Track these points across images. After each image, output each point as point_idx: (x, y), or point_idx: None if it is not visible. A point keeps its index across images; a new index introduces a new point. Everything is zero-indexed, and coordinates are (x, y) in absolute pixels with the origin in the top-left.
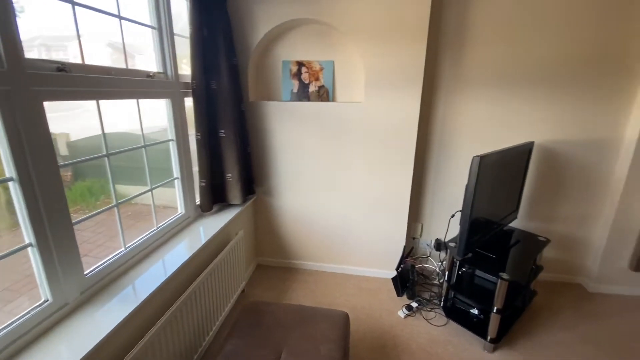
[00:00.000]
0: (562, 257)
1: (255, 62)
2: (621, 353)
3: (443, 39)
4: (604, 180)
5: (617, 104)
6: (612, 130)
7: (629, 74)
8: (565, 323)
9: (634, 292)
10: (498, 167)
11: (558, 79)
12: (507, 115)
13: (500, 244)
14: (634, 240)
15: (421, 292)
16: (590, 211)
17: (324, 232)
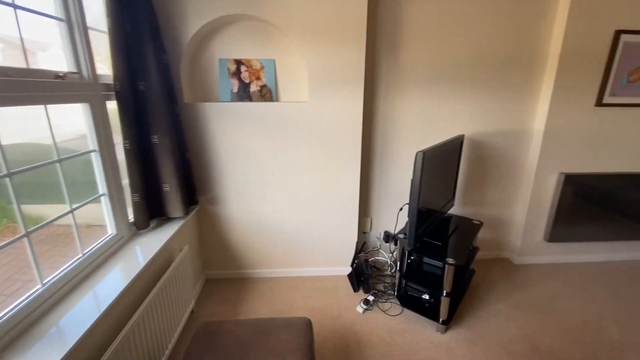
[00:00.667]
0: (492, 236)
1: (188, 60)
2: (545, 313)
3: (380, 38)
4: (521, 166)
5: (527, 99)
6: (525, 122)
7: (534, 73)
8: (500, 295)
9: (549, 260)
10: (437, 160)
11: (480, 77)
12: (440, 110)
13: (443, 230)
14: (545, 216)
15: (376, 284)
16: (511, 194)
17: (276, 237)
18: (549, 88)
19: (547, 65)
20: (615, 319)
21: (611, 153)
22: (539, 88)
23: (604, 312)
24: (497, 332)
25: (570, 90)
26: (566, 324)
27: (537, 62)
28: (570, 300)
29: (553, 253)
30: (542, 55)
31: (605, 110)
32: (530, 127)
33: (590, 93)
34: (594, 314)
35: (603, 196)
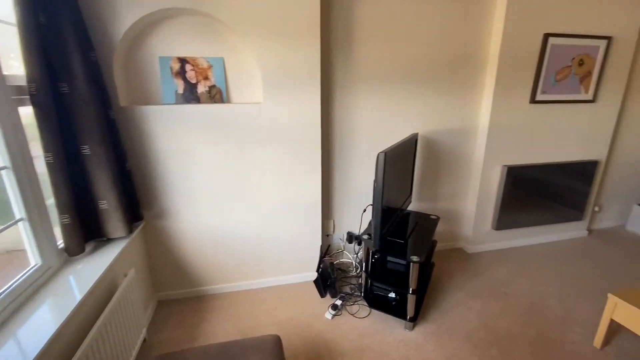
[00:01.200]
0: (446, 228)
1: (123, 59)
2: (499, 298)
3: (334, 37)
4: (469, 161)
5: (472, 97)
6: (471, 119)
7: (478, 72)
8: (458, 284)
9: (497, 246)
10: (396, 159)
11: (430, 76)
12: (395, 109)
13: (404, 228)
14: (492, 206)
15: (342, 287)
16: (462, 187)
17: (235, 248)
18: (490, 87)
19: (488, 66)
20: (558, 297)
21: (544, 145)
22: (482, 87)
23: (548, 291)
24: (460, 322)
25: (508, 88)
26: (517, 306)
27: (480, 62)
28: (519, 283)
29: (500, 240)
30: (483, 56)
31: (538, 107)
32: (476, 123)
33: (525, 91)
34: (539, 294)
35: (539, 184)
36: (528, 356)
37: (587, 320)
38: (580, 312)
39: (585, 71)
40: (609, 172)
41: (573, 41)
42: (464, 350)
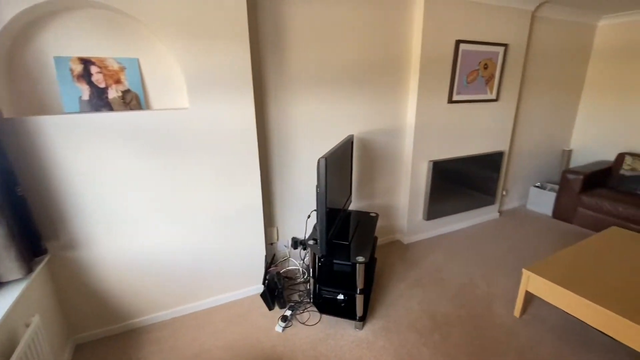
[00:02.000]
0: (384, 223)
1: (4, 60)
2: (435, 284)
3: (264, 38)
4: (400, 158)
5: (400, 99)
6: (400, 119)
7: (404, 75)
8: (399, 276)
9: (429, 235)
10: (336, 162)
11: (362, 78)
12: (332, 112)
13: (347, 229)
14: (422, 198)
15: (291, 295)
16: (395, 183)
17: (170, 271)
18: (414, 89)
19: (411, 69)
20: (482, 275)
21: (461, 140)
22: (407, 89)
23: (474, 271)
24: (405, 313)
25: (430, 90)
26: (452, 289)
27: (405, 66)
28: (451, 267)
29: (431, 229)
30: (407, 60)
31: (454, 106)
32: (404, 123)
33: (443, 92)
34: (468, 274)
35: (459, 175)
36: (464, 335)
37: (507, 293)
38: (501, 287)
39: (490, 74)
40: (511, 161)
41: (479, 47)
42: (411, 341)
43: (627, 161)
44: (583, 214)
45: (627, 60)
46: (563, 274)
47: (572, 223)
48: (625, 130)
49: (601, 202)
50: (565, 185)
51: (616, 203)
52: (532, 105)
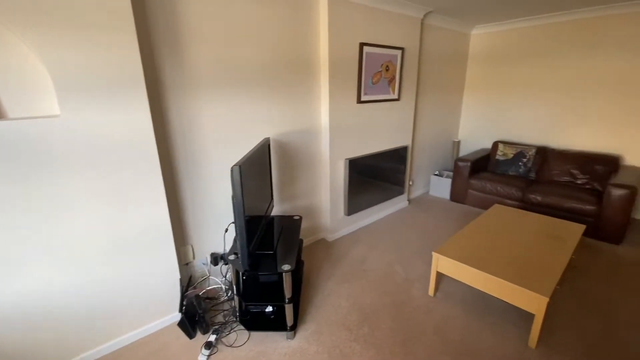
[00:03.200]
0: (309, 224)
1: None
2: (360, 277)
3: (156, 33)
4: (318, 158)
5: (314, 99)
6: (315, 119)
7: (316, 76)
8: (327, 275)
9: (351, 229)
10: (253, 168)
11: (275, 79)
12: (244, 114)
13: (270, 236)
14: (342, 195)
15: (214, 317)
16: (316, 183)
17: (62, 315)
18: (326, 89)
19: (322, 70)
20: (400, 262)
21: (372, 137)
22: (319, 90)
23: (393, 259)
24: (334, 312)
25: (340, 90)
26: (375, 279)
27: (315, 66)
28: (372, 258)
29: (352, 223)
30: (317, 60)
31: (363, 106)
32: (319, 123)
33: (352, 93)
34: (388, 263)
35: (373, 170)
36: (390, 322)
37: (422, 275)
38: (417, 270)
39: (391, 75)
40: (415, 153)
41: (380, 50)
42: (342, 338)
43: (500, 148)
44: (472, 195)
45: (494, 64)
46: (463, 252)
47: (465, 203)
48: (498, 122)
49: (485, 184)
50: (458, 172)
51: (495, 183)
52: (427, 103)
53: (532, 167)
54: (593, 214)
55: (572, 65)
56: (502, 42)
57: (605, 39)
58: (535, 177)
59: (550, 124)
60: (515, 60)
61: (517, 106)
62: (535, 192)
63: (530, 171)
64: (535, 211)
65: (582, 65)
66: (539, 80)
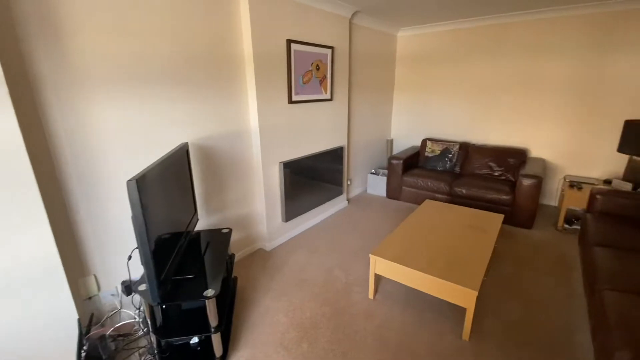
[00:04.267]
0: (243, 234)
1: None
2: (300, 287)
3: (19, 18)
4: (250, 163)
5: (239, 99)
6: (243, 121)
7: (239, 74)
8: (264, 289)
9: (289, 236)
10: (162, 179)
11: (192, 77)
12: (155, 117)
13: (194, 256)
14: (279, 201)
15: (128, 358)
16: (249, 189)
17: None
18: (253, 89)
19: (246, 67)
20: (340, 266)
21: (307, 139)
22: (245, 89)
23: (333, 264)
24: (272, 330)
25: (269, 90)
26: (315, 288)
27: (238, 63)
28: (312, 265)
29: (290, 229)
30: (240, 56)
31: (295, 106)
32: (248, 126)
33: (283, 92)
34: (328, 269)
35: (310, 173)
36: (329, 334)
37: (361, 278)
38: (356, 273)
39: (322, 74)
40: (351, 153)
41: (309, 48)
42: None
43: (429, 145)
44: (406, 191)
45: (419, 65)
46: (397, 252)
47: (400, 200)
48: (425, 120)
49: (416, 180)
50: (392, 170)
51: (425, 179)
52: (360, 103)
53: (456, 162)
54: (509, 203)
55: (484, 67)
56: (425, 45)
57: (509, 43)
58: (459, 171)
59: (470, 121)
60: (437, 61)
61: (441, 105)
62: (460, 185)
63: (455, 166)
64: (461, 203)
65: (492, 67)
66: (458, 81)
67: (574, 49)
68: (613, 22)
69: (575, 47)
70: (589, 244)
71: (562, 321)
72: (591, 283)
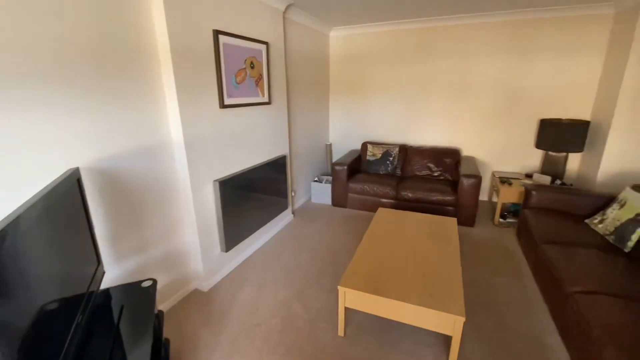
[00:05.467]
0: (171, 277)
1: None
2: (254, 335)
3: None
4: (174, 185)
5: (154, 104)
6: (161, 133)
7: (151, 71)
8: (207, 346)
9: (232, 267)
10: (37, 228)
11: (83, 76)
12: (24, 134)
13: (101, 332)
14: (216, 228)
15: None
16: (176, 219)
17: None
18: (172, 89)
19: (162, 63)
20: (298, 299)
21: (245, 150)
22: (162, 90)
23: (289, 296)
24: None
25: (195, 92)
26: (271, 331)
27: (149, 57)
28: (264, 302)
29: (233, 259)
30: (152, 49)
31: (229, 112)
32: (169, 139)
33: (212, 95)
34: (284, 304)
35: (251, 189)
36: None
37: (325, 309)
38: (317, 303)
39: (258, 74)
40: (293, 162)
41: (241, 42)
42: None
43: (369, 149)
44: (353, 198)
45: (353, 66)
46: (367, 279)
47: (347, 207)
48: (364, 123)
49: (362, 186)
50: (336, 176)
51: (371, 184)
52: (298, 106)
53: (397, 165)
54: (453, 203)
55: (417, 69)
56: (358, 46)
57: (439, 47)
58: (401, 174)
59: (407, 123)
60: (371, 63)
61: (378, 107)
62: (406, 189)
63: (396, 168)
64: (408, 207)
65: (425, 69)
66: (393, 83)
67: (495, 54)
68: (526, 29)
69: (497, 51)
70: (536, 243)
71: (528, 324)
72: (555, 285)
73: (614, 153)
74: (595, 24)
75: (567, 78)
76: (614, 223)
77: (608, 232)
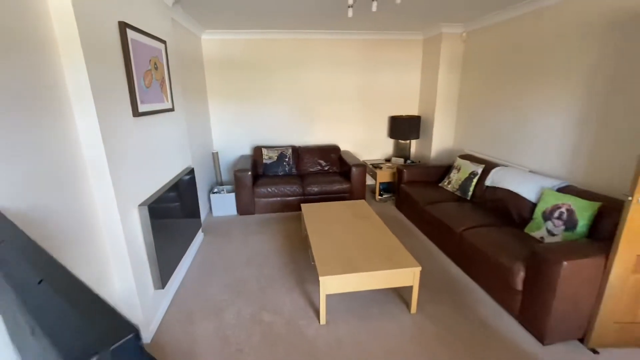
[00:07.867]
0: None
1: None
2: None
3: None
4: (86, 219)
5: (60, 123)
6: (65, 153)
7: (56, 73)
8: None
9: (168, 301)
10: None
11: None
12: None
13: None
14: (147, 263)
15: None
16: (101, 267)
17: None
18: (85, 95)
19: (62, 58)
20: (265, 309)
21: (158, 165)
22: (65, 93)
23: (253, 310)
24: None
25: (112, 99)
26: (247, 348)
27: (47, 47)
28: (221, 327)
29: (169, 294)
30: (48, 39)
31: (143, 120)
32: (78, 158)
33: (125, 101)
34: (253, 318)
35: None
36: None
37: (296, 308)
38: (286, 306)
39: (161, 76)
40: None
41: (145, 40)
42: None
43: (264, 152)
44: (260, 202)
45: (229, 72)
46: (339, 263)
47: (256, 213)
48: (252, 128)
49: (268, 189)
50: (240, 184)
51: (277, 186)
52: (188, 112)
53: (293, 164)
54: (348, 190)
55: (296, 77)
56: (233, 52)
57: (314, 56)
58: (297, 172)
59: (295, 125)
60: (250, 70)
61: (265, 113)
62: (311, 185)
63: (292, 167)
64: (315, 200)
65: (302, 77)
66: (275, 89)
67: (357, 65)
68: (375, 46)
69: (358, 63)
70: (420, 206)
71: (435, 264)
72: (448, 230)
73: (438, 137)
74: (414, 46)
75: (401, 85)
76: (458, 182)
77: (455, 189)
